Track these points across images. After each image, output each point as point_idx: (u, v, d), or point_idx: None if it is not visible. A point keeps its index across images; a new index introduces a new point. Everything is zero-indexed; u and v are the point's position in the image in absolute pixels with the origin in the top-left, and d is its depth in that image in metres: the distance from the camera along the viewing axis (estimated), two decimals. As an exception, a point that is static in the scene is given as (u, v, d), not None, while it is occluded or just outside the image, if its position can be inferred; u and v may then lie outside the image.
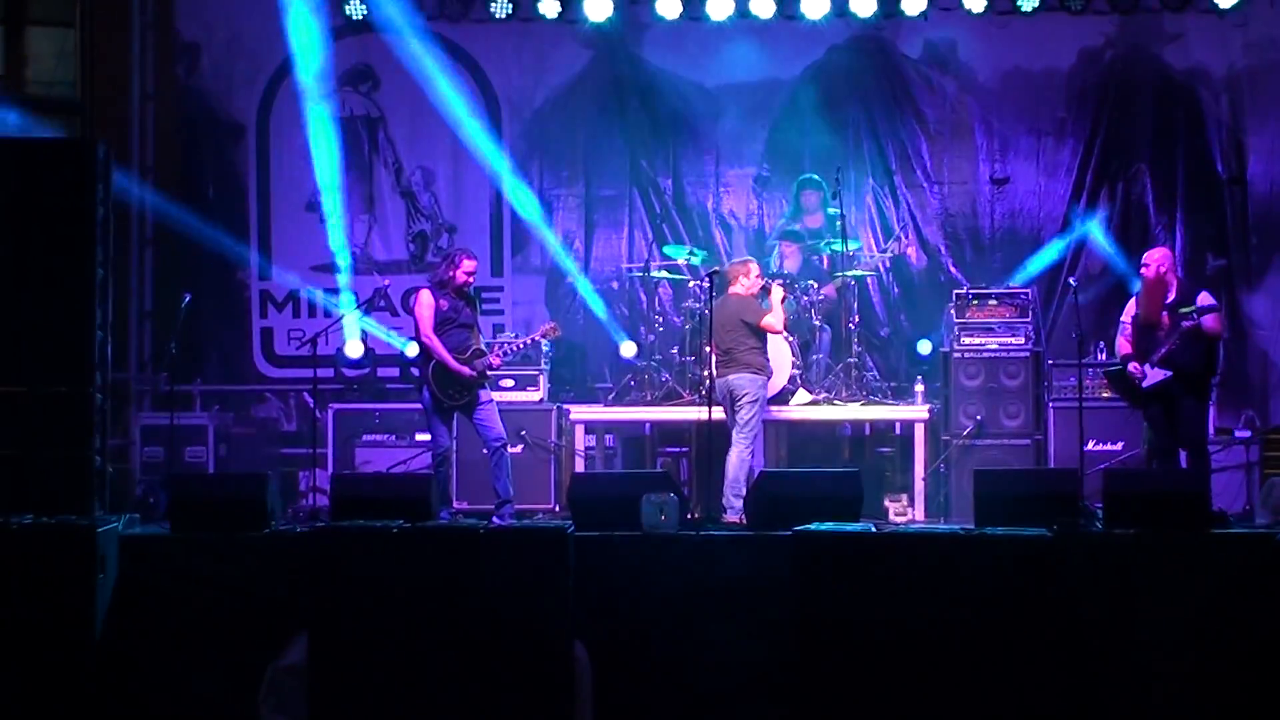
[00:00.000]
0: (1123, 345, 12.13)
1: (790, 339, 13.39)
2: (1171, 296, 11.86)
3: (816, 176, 14.93)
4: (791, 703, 9.45)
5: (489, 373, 12.36)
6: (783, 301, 12.82)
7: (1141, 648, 9.48)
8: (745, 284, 12.70)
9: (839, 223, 14.29)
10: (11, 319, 11.40)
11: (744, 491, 11.93)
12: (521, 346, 13.02)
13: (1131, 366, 11.89)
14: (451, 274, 12.29)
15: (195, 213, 15.60)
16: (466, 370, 12.11)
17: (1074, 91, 15.40)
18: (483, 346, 12.35)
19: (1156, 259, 11.99)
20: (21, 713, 9.62)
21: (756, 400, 12.44)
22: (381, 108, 15.92)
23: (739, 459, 12.34)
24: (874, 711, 9.34)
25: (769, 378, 12.73)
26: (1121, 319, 12.27)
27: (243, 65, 15.87)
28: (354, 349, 14.99)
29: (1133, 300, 12.25)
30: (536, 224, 15.61)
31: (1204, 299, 11.89)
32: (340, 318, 14.56)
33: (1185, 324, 11.63)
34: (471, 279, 12.40)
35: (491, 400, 12.36)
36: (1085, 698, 9.41)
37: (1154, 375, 11.77)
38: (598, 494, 10.83)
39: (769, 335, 12.71)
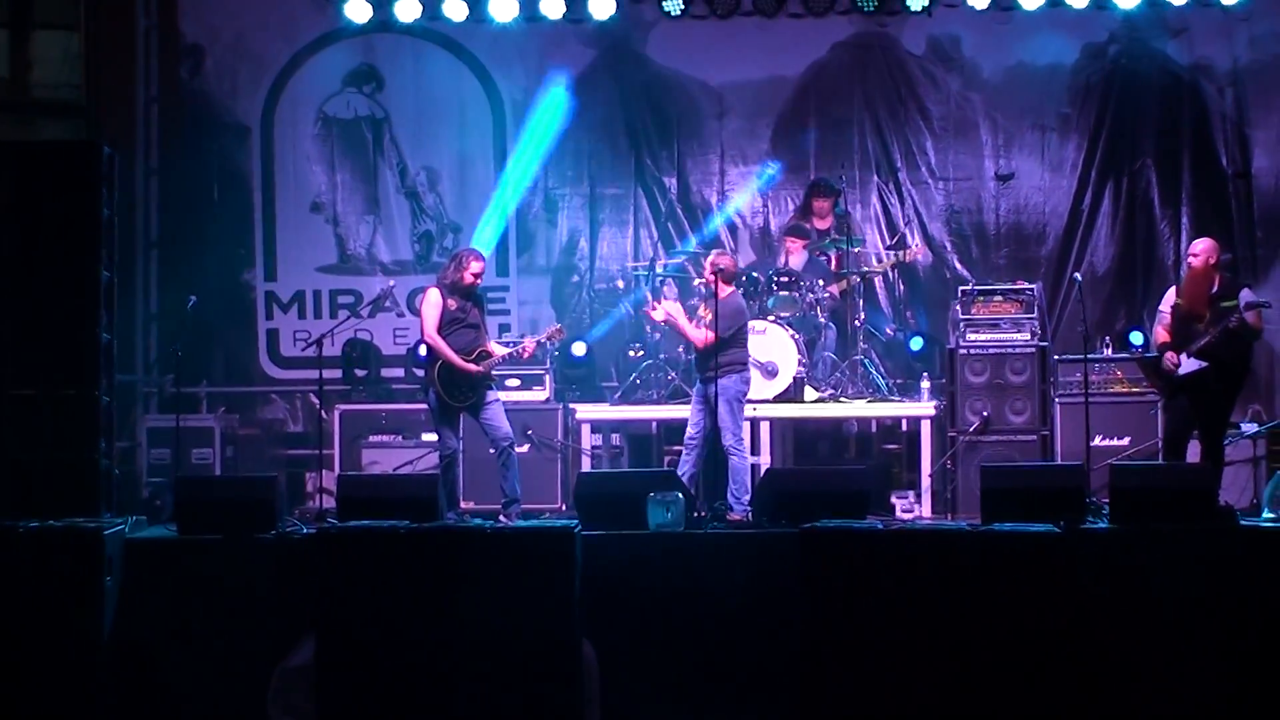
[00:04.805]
0: (1160, 334, 12.02)
1: (796, 336, 13.39)
2: (1215, 289, 11.83)
3: (829, 181, 14.87)
4: (799, 700, 9.45)
5: (493, 367, 12.32)
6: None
7: (1150, 643, 9.50)
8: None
9: (844, 222, 14.31)
10: (18, 322, 11.39)
11: (735, 487, 11.95)
12: (529, 348, 12.94)
13: (1168, 356, 11.82)
14: (459, 275, 12.25)
15: (200, 214, 15.65)
16: (472, 366, 12.08)
17: (1078, 87, 15.35)
18: (490, 347, 12.35)
19: (1205, 249, 11.90)
20: (29, 715, 9.64)
21: (723, 397, 12.12)
22: (386, 108, 15.91)
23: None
24: (882, 709, 9.36)
25: (738, 374, 12.32)
26: (1160, 308, 12.17)
27: (247, 66, 15.82)
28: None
29: (1173, 289, 12.17)
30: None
31: (1247, 295, 11.87)
32: (346, 319, 14.53)
33: (1230, 322, 11.58)
34: (479, 279, 12.36)
35: (498, 399, 12.34)
36: (1095, 693, 9.42)
37: (1189, 365, 11.73)
38: (604, 493, 10.84)
39: (732, 333, 12.28)
